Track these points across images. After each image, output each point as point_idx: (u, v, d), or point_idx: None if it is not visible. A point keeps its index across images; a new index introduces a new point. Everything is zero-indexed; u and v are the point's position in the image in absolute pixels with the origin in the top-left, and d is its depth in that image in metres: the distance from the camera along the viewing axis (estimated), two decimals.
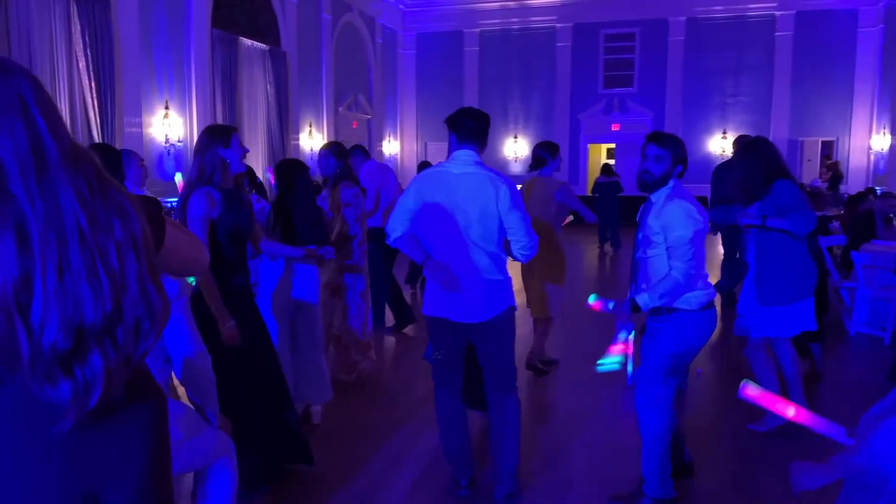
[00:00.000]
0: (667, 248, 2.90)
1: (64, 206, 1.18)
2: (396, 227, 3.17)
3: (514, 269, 5.55)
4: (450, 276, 3.05)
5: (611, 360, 3.13)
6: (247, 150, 3.20)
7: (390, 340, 6.29)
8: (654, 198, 3.03)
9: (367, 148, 7.28)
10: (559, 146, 5.46)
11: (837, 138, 17.30)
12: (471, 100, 18.72)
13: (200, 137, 3.12)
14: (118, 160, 3.38)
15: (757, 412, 4.02)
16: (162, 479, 1.47)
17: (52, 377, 1.18)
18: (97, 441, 1.31)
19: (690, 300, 2.96)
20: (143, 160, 3.84)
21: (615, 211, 12.87)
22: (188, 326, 2.87)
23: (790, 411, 1.91)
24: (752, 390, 1.96)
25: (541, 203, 5.13)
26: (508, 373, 3.23)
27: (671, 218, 2.88)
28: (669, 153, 2.99)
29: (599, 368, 3.14)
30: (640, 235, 3.06)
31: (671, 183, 3.01)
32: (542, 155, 5.15)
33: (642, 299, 2.90)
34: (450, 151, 3.15)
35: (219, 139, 3.08)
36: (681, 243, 2.85)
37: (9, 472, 1.23)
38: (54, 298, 1.16)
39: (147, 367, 1.46)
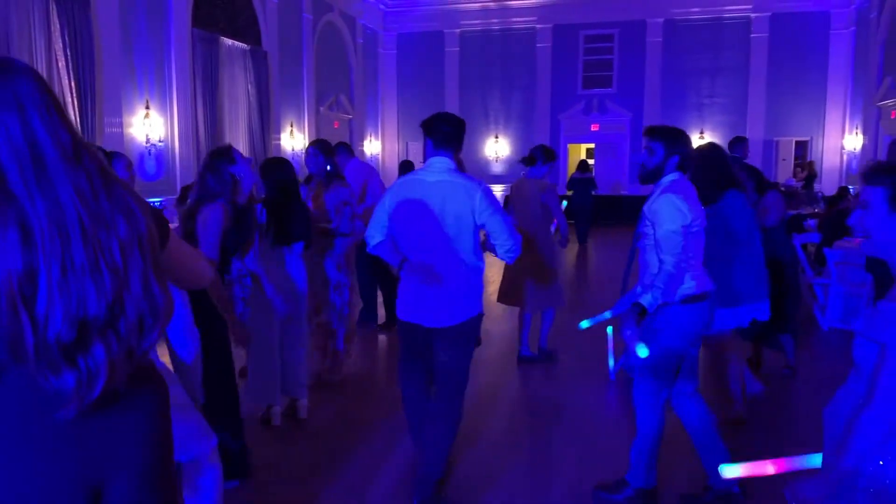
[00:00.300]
0: (655, 242, 2.94)
1: (64, 202, 1.21)
2: (375, 234, 3.23)
3: (500, 265, 5.64)
4: (425, 278, 3.09)
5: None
6: (250, 160, 3.26)
7: (379, 338, 6.34)
8: (654, 190, 3.06)
9: None
10: (556, 154, 5.60)
11: (811, 138, 17.62)
12: (451, 100, 18.80)
13: (205, 160, 3.25)
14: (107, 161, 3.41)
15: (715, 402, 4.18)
16: (165, 467, 1.50)
17: (57, 367, 1.22)
18: (101, 430, 1.34)
19: (675, 292, 2.96)
20: (131, 163, 3.86)
21: (588, 206, 13.22)
22: (185, 319, 2.93)
23: (769, 468, 1.99)
24: (730, 471, 2.04)
25: (523, 202, 5.27)
26: (460, 381, 3.24)
27: (659, 212, 2.91)
28: (661, 145, 3.00)
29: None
30: (639, 226, 3.11)
31: (671, 176, 3.01)
32: (535, 155, 5.34)
33: (646, 300, 2.89)
34: (425, 156, 3.20)
35: (223, 157, 3.20)
36: (668, 236, 2.88)
37: (14, 459, 1.26)
38: (58, 292, 1.20)
39: (151, 357, 1.51)
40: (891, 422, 1.54)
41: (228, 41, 12.55)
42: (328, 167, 4.77)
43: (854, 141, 16.26)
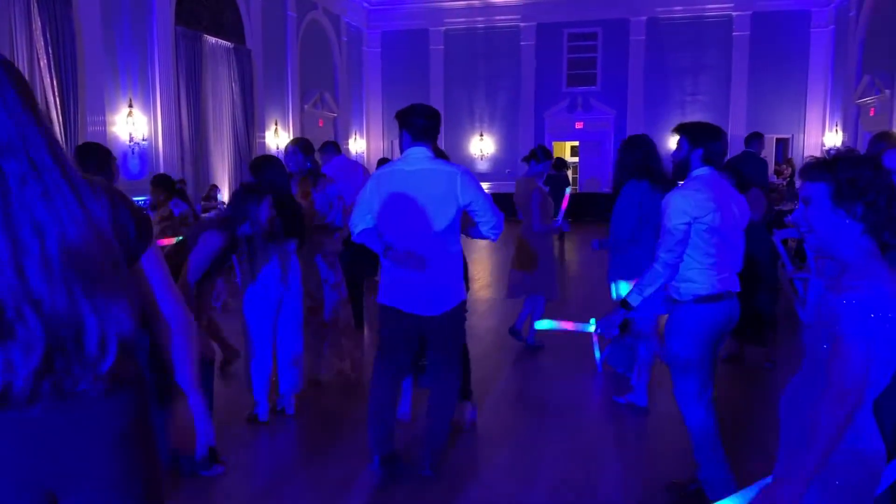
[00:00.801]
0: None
1: None
2: (358, 222, 3.29)
3: (486, 261, 5.68)
4: (412, 265, 3.14)
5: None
6: (275, 214, 3.68)
7: (367, 337, 6.35)
8: None
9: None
10: (552, 154, 5.87)
11: (792, 136, 17.83)
12: (436, 98, 18.81)
13: (237, 192, 3.59)
14: (103, 159, 3.40)
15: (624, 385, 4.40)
16: (139, 480, 1.42)
17: None
18: (52, 439, 1.31)
19: (682, 291, 2.92)
20: (115, 159, 3.82)
21: (562, 204, 13.38)
22: None
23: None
24: None
25: (519, 199, 5.64)
26: (455, 354, 3.37)
27: (666, 206, 2.89)
28: (685, 139, 2.98)
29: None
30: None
31: (698, 171, 2.95)
32: (535, 153, 5.56)
33: (632, 298, 2.89)
34: (402, 148, 3.24)
35: (252, 197, 3.55)
36: (664, 232, 2.86)
37: None
38: None
39: (124, 367, 1.38)
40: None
41: (212, 39, 12.49)
42: (308, 165, 4.79)
43: (834, 138, 16.46)
